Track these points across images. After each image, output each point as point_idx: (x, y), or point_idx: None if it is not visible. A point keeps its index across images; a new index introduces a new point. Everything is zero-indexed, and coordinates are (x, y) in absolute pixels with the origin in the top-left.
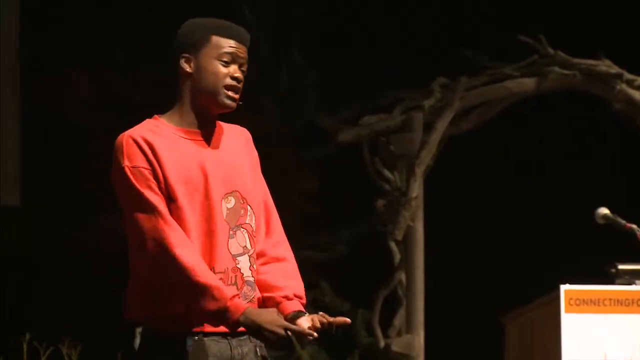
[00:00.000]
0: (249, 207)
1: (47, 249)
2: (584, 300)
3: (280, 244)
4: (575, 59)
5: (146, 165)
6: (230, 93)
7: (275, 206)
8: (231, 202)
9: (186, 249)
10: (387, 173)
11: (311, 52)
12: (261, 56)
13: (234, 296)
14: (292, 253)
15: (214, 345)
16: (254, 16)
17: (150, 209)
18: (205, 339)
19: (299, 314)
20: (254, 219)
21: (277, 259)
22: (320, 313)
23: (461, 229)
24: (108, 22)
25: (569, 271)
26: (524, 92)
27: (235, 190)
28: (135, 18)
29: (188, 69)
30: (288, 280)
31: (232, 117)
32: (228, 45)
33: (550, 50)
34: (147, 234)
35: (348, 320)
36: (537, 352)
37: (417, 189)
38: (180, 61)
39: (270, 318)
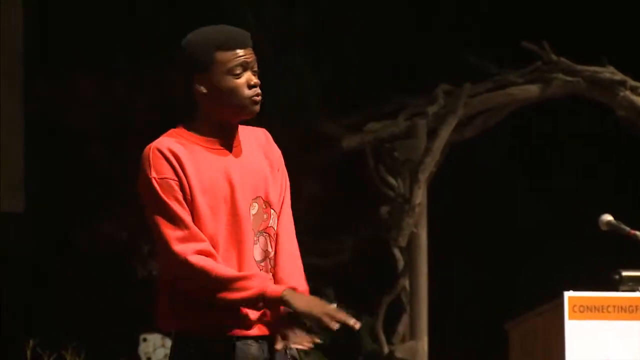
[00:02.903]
0: (272, 211)
1: (50, 255)
2: (587, 307)
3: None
4: (579, 65)
5: (173, 176)
6: (254, 99)
7: None
8: (255, 208)
9: (208, 259)
10: (390, 179)
11: (315, 58)
12: (264, 62)
13: (267, 279)
14: (293, 238)
15: (246, 349)
16: (258, 22)
17: (176, 220)
18: (239, 342)
19: None
20: (277, 221)
21: (285, 251)
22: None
23: (465, 236)
24: (110, 26)
25: (572, 277)
26: (528, 98)
27: (258, 197)
28: (137, 23)
29: (203, 90)
30: (298, 279)
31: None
32: (234, 57)
33: (554, 57)
34: (172, 246)
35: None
36: (540, 358)
37: (420, 196)
38: (193, 83)
39: (314, 302)
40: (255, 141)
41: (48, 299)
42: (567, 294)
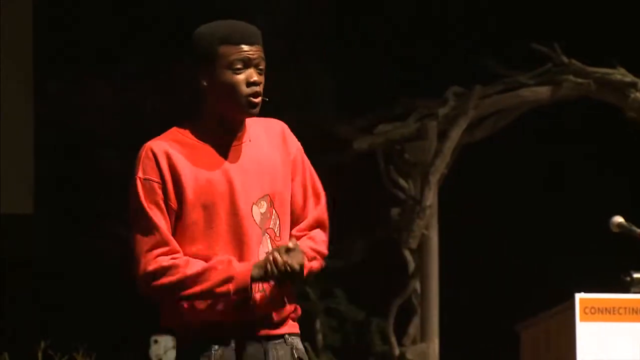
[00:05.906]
0: (274, 211)
1: (61, 257)
2: (598, 309)
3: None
4: (590, 67)
5: (158, 178)
6: (250, 99)
7: None
8: (263, 207)
9: (170, 266)
10: (401, 181)
11: (327, 60)
12: (277, 64)
13: (229, 261)
14: (324, 235)
15: (247, 349)
16: (269, 24)
17: (149, 226)
18: (239, 343)
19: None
20: (277, 222)
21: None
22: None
23: (476, 238)
24: (121, 29)
25: (584, 279)
26: (538, 100)
27: (267, 194)
28: (149, 26)
29: (204, 83)
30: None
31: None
32: (237, 52)
33: (565, 59)
34: (138, 250)
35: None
36: None
37: (431, 198)
38: (197, 75)
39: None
40: (268, 135)
41: (59, 300)
42: (578, 296)
